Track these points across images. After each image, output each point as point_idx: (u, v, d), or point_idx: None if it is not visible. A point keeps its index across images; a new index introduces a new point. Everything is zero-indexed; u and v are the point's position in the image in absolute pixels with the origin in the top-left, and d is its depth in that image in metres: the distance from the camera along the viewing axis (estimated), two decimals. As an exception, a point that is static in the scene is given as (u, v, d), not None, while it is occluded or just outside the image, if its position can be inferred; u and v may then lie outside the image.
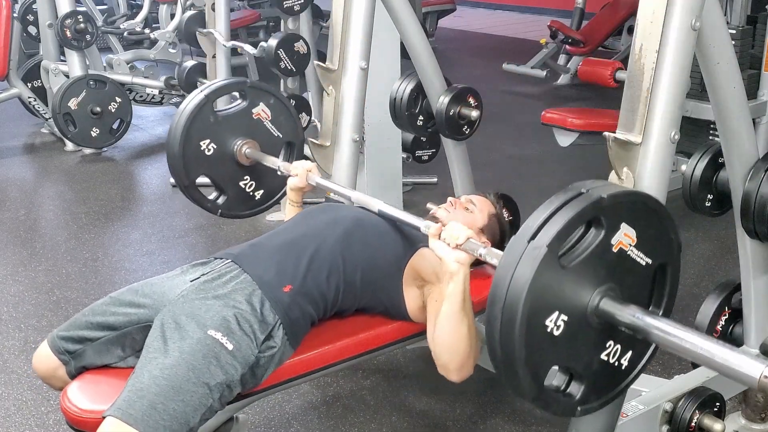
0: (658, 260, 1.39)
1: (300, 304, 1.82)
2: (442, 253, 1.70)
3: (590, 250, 1.29)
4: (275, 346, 1.76)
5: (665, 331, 1.27)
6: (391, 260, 1.94)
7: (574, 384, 1.36)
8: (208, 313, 1.72)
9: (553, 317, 1.27)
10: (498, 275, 1.28)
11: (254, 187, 2.46)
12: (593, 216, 1.29)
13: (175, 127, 2.31)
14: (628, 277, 1.36)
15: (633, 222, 1.33)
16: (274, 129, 2.42)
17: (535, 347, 1.27)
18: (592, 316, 1.32)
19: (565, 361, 1.33)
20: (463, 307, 1.71)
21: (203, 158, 2.34)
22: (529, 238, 1.26)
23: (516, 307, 1.23)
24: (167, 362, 1.62)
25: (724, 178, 2.02)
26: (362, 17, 2.39)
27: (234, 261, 1.87)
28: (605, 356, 1.37)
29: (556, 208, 1.28)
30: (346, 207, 2.11)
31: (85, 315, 1.84)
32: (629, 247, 1.34)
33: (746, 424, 2.27)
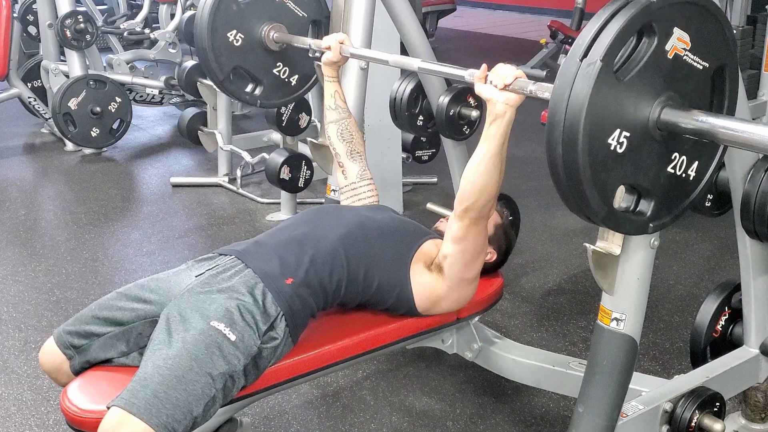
0: (715, 62, 1.35)
1: (302, 295, 1.83)
2: (490, 95, 1.67)
3: (645, 59, 1.26)
4: (277, 337, 1.78)
5: (732, 128, 1.24)
6: (395, 256, 1.95)
7: (644, 201, 1.34)
8: (211, 306, 1.74)
9: (615, 134, 1.25)
10: (554, 98, 1.25)
11: (288, 73, 2.43)
12: (644, 23, 1.25)
13: (200, 21, 2.28)
14: (687, 83, 1.32)
15: (685, 25, 1.28)
16: (297, 9, 2.40)
17: (600, 167, 1.25)
18: (654, 128, 1.29)
19: (632, 178, 1.31)
20: (501, 150, 1.72)
21: (233, 49, 2.31)
22: (582, 56, 1.22)
23: (577, 128, 1.21)
24: (170, 352, 1.64)
25: (724, 178, 2.02)
26: (362, 17, 2.39)
27: (238, 257, 1.88)
28: (672, 169, 1.34)
29: (605, 21, 1.23)
30: (349, 210, 2.12)
31: (92, 310, 1.85)
32: (684, 51, 1.30)
33: (746, 424, 2.27)
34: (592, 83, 1.20)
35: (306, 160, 3.75)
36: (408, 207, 4.02)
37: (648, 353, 2.70)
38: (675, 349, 2.74)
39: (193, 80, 4.64)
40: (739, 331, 2.20)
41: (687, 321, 2.89)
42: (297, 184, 3.80)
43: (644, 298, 1.67)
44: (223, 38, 2.29)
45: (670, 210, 1.38)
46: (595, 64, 1.20)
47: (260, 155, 4.24)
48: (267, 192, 4.31)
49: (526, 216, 2.92)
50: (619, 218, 1.32)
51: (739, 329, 2.20)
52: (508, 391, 2.53)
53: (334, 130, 2.26)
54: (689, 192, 1.40)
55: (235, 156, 4.47)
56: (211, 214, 4.13)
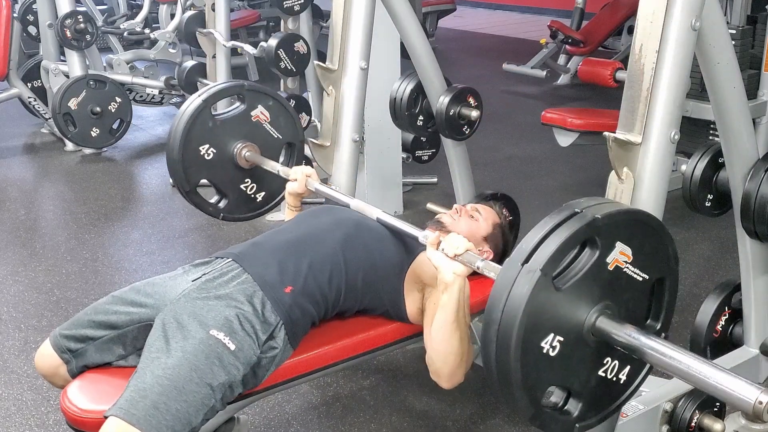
0: (655, 275, 1.39)
1: (301, 304, 1.82)
2: (438, 263, 1.69)
3: (585, 270, 1.29)
4: (277, 347, 1.77)
5: (660, 352, 1.28)
6: (392, 263, 1.94)
7: (572, 401, 1.36)
8: (210, 313, 1.72)
9: (549, 339, 1.27)
10: (492, 298, 1.28)
11: (255, 189, 2.45)
12: (587, 237, 1.28)
13: (174, 132, 2.31)
14: (625, 293, 1.36)
15: (628, 240, 1.32)
16: (273, 131, 2.42)
17: (531, 369, 1.27)
18: (588, 334, 1.31)
19: (562, 380, 1.33)
20: (456, 318, 1.72)
21: (203, 163, 2.34)
22: (523, 261, 1.25)
23: (510, 331, 1.23)
24: (170, 362, 1.62)
25: (724, 178, 2.02)
26: (362, 17, 2.39)
27: (235, 260, 1.87)
28: (603, 372, 1.37)
29: (550, 230, 1.27)
30: (346, 210, 2.11)
31: (88, 314, 1.84)
32: (625, 264, 1.33)
33: (746, 424, 2.27)
34: (529, 291, 1.22)
35: (306, 160, 3.74)
36: (408, 207, 4.02)
37: (648, 353, 2.70)
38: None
39: (193, 80, 4.64)
40: (739, 331, 2.20)
41: (687, 321, 2.88)
42: (297, 184, 3.79)
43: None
44: (195, 151, 2.31)
45: (597, 412, 1.40)
46: (534, 273, 1.23)
47: (260, 155, 4.24)
48: (267, 192, 4.31)
49: (526, 216, 2.91)
50: (545, 418, 1.33)
51: (739, 329, 2.20)
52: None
53: None
54: (618, 395, 1.42)
55: (235, 156, 4.46)
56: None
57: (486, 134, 3.84)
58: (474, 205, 2.23)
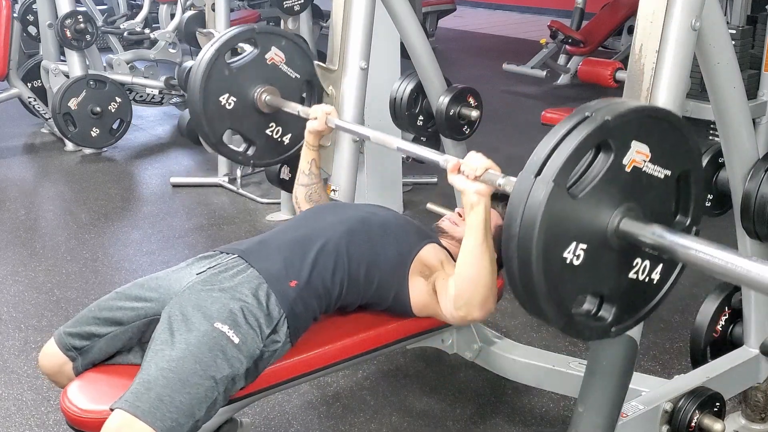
0: (678, 170, 1.33)
1: (305, 299, 1.83)
2: (462, 186, 1.69)
3: (601, 174, 1.24)
4: (279, 341, 1.78)
5: (691, 248, 1.22)
6: (395, 257, 1.95)
7: (605, 306, 1.32)
8: (214, 305, 1.73)
9: (571, 248, 1.24)
10: (509, 213, 1.25)
11: (281, 133, 2.43)
12: (600, 141, 1.24)
13: (192, 86, 2.28)
14: (648, 193, 1.30)
15: (644, 137, 1.27)
16: (290, 71, 2.40)
17: (556, 280, 1.24)
18: (612, 238, 1.27)
19: (591, 287, 1.29)
20: (485, 239, 1.72)
21: (225, 113, 2.32)
22: (535, 174, 1.22)
23: (530, 245, 1.20)
24: (174, 354, 1.63)
25: (724, 178, 2.02)
26: (362, 17, 2.39)
27: (241, 256, 1.88)
28: (633, 275, 1.32)
29: (560, 139, 1.23)
30: (351, 207, 2.12)
31: (92, 311, 1.85)
32: (644, 163, 1.28)
33: (746, 424, 2.27)
34: (544, 202, 1.20)
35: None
36: (408, 207, 4.02)
37: (648, 353, 2.70)
38: (675, 349, 2.74)
39: (193, 80, 4.63)
40: (739, 331, 2.20)
41: (687, 321, 2.88)
42: (297, 184, 3.80)
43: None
44: (216, 102, 2.30)
45: (632, 314, 1.36)
46: (547, 185, 1.20)
47: (260, 155, 4.24)
48: (267, 192, 4.31)
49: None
50: (579, 326, 1.31)
51: (739, 329, 2.20)
52: (508, 391, 2.53)
53: (302, 193, 2.28)
54: (653, 295, 1.38)
55: (235, 156, 4.47)
56: (211, 214, 4.13)
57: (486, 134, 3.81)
58: None
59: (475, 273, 1.76)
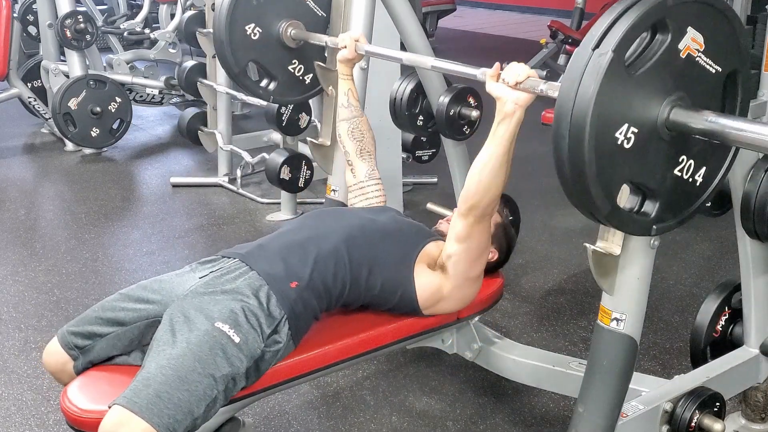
0: (728, 67, 1.33)
1: (305, 299, 1.83)
2: (500, 93, 1.67)
3: (657, 56, 1.24)
4: (281, 341, 1.78)
5: (744, 129, 1.21)
6: (397, 257, 1.96)
7: (648, 203, 1.32)
8: (216, 306, 1.74)
9: (623, 129, 1.23)
10: (563, 88, 1.23)
11: (303, 71, 2.43)
12: (658, 18, 1.23)
13: (219, 12, 2.27)
14: (698, 85, 1.30)
15: (700, 26, 1.27)
16: (317, 8, 2.40)
17: (606, 161, 1.22)
18: (663, 127, 1.27)
19: (638, 176, 1.29)
20: (508, 151, 1.73)
21: (250, 43, 2.31)
22: (594, 46, 1.20)
23: (584, 119, 1.19)
24: (174, 352, 1.64)
25: (724, 177, 2.02)
26: (362, 17, 2.39)
27: (242, 260, 1.89)
28: (678, 172, 1.32)
29: (619, 14, 1.21)
30: (351, 212, 2.12)
31: (95, 311, 1.86)
32: (697, 53, 1.28)
33: (746, 424, 2.27)
34: (602, 73, 1.18)
35: (306, 160, 3.75)
36: (408, 207, 4.02)
37: (648, 353, 2.70)
38: (675, 349, 2.74)
39: (193, 80, 4.64)
40: (739, 331, 2.20)
41: (687, 321, 2.88)
42: (297, 184, 3.80)
43: (644, 298, 1.67)
44: (242, 31, 2.29)
45: (675, 213, 1.36)
46: (606, 55, 1.18)
47: (260, 155, 4.24)
48: (267, 192, 4.31)
49: (526, 216, 2.92)
50: (622, 217, 1.30)
51: (739, 329, 2.20)
52: (508, 391, 2.53)
53: (345, 128, 2.27)
54: (696, 197, 1.38)
55: (235, 156, 4.47)
56: (211, 214, 4.13)
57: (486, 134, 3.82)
58: None
59: (489, 180, 1.77)
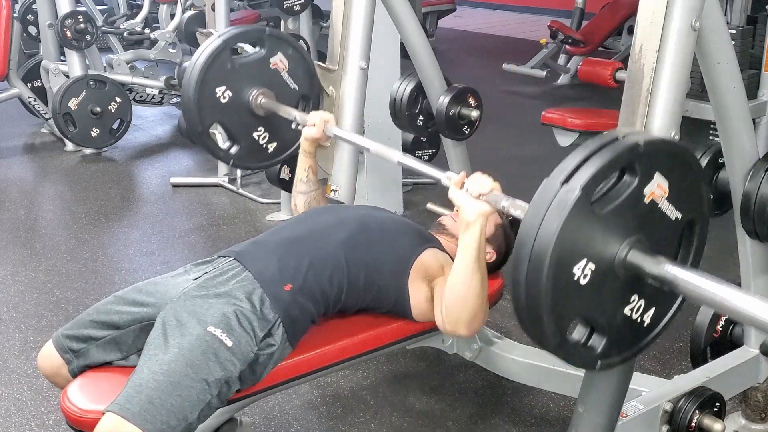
0: (687, 215, 1.36)
1: (300, 302, 1.82)
2: (462, 202, 1.67)
3: (622, 198, 1.26)
4: (275, 344, 1.77)
5: (693, 282, 1.24)
6: (395, 261, 1.94)
7: (596, 337, 1.33)
8: (209, 311, 1.73)
9: (581, 264, 1.24)
10: (528, 217, 1.25)
11: (268, 139, 2.41)
12: (628, 162, 1.25)
13: (191, 71, 2.26)
14: (657, 229, 1.33)
15: (667, 173, 1.29)
16: (290, 80, 2.39)
17: (562, 294, 1.24)
18: (619, 266, 1.29)
19: (590, 311, 1.30)
20: (477, 259, 1.71)
21: (218, 105, 2.30)
22: (563, 181, 1.23)
23: (546, 250, 1.20)
24: (166, 358, 1.63)
25: (724, 178, 2.02)
26: (362, 17, 2.39)
27: (236, 258, 1.87)
28: (628, 310, 1.34)
29: (591, 152, 1.24)
30: (350, 208, 2.11)
31: (90, 314, 1.85)
32: (661, 199, 1.31)
33: (746, 424, 2.27)
34: (568, 209, 1.21)
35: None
36: (408, 207, 4.02)
37: (648, 353, 2.70)
38: (675, 349, 2.74)
39: (193, 80, 4.63)
40: (739, 331, 2.20)
41: (687, 321, 2.88)
42: (297, 184, 3.79)
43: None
44: (212, 92, 2.28)
45: (620, 351, 1.38)
46: (574, 192, 1.21)
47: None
48: (267, 192, 4.31)
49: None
50: (570, 350, 1.32)
51: (739, 329, 2.20)
52: (508, 391, 2.53)
53: (302, 201, 2.26)
54: (641, 337, 1.40)
55: (235, 156, 4.47)
56: (211, 214, 4.13)
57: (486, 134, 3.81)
58: None
59: (464, 292, 1.74)
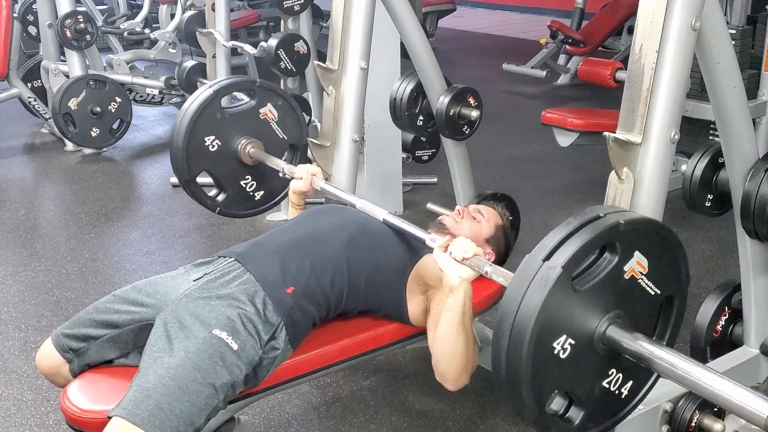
0: (666, 292, 1.40)
1: (302, 306, 1.82)
2: (445, 266, 1.70)
3: (603, 275, 1.30)
4: (279, 347, 1.77)
5: (669, 362, 1.29)
6: (395, 265, 1.94)
7: (574, 409, 1.37)
8: (212, 313, 1.72)
9: (561, 340, 1.28)
10: (509, 292, 1.28)
11: (255, 187, 2.46)
12: (609, 241, 1.29)
13: (181, 120, 2.30)
14: (637, 305, 1.37)
15: (647, 251, 1.33)
16: (279, 131, 2.44)
17: (541, 368, 1.27)
18: (598, 342, 1.33)
19: (569, 385, 1.34)
20: (461, 321, 1.73)
21: (207, 154, 2.34)
22: (544, 258, 1.26)
23: (526, 325, 1.23)
24: (173, 362, 1.62)
25: (724, 178, 2.02)
26: (362, 17, 2.39)
27: (237, 260, 1.87)
28: (607, 384, 1.38)
29: (573, 230, 1.28)
30: (351, 210, 2.11)
31: (89, 313, 1.85)
32: (640, 275, 1.34)
33: (746, 424, 2.26)
34: (549, 287, 1.23)
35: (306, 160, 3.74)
36: (408, 207, 4.02)
37: (648, 353, 2.70)
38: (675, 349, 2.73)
39: (193, 80, 4.64)
40: (739, 331, 2.20)
41: (687, 321, 2.87)
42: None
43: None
44: (200, 141, 2.32)
45: (597, 423, 1.41)
46: (555, 269, 1.24)
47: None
48: (267, 192, 4.31)
49: (526, 216, 2.91)
50: (548, 422, 1.34)
51: (739, 329, 2.20)
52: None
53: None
54: (619, 409, 1.43)
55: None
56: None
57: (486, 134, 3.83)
58: (476, 206, 2.23)
59: (449, 350, 1.76)
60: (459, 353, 1.75)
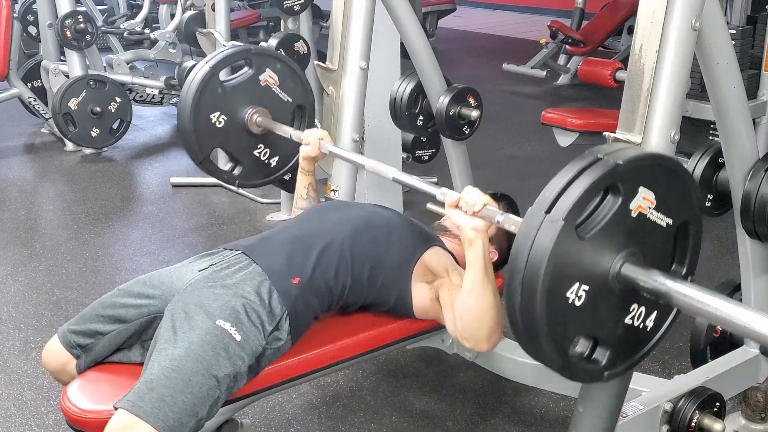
0: (679, 220, 1.36)
1: (306, 297, 1.83)
2: (459, 221, 1.68)
3: (608, 217, 1.27)
4: (282, 338, 1.78)
5: (687, 294, 1.25)
6: (399, 258, 1.94)
7: (599, 350, 1.34)
8: (216, 303, 1.73)
9: (574, 288, 1.25)
10: (516, 248, 1.26)
11: (269, 155, 2.44)
12: (610, 184, 1.26)
13: (183, 102, 2.29)
14: (650, 239, 1.33)
15: (651, 184, 1.30)
16: (282, 94, 2.41)
17: (557, 319, 1.25)
18: (614, 282, 1.30)
19: (589, 329, 1.32)
20: (485, 274, 1.71)
21: (215, 131, 2.32)
22: (546, 210, 1.24)
23: (535, 282, 1.22)
24: (176, 353, 1.63)
25: (724, 178, 2.02)
26: (362, 17, 2.39)
27: (244, 252, 1.88)
28: (629, 320, 1.35)
29: (572, 178, 1.25)
30: (356, 206, 2.12)
31: (95, 308, 1.85)
32: (648, 210, 1.31)
33: (746, 424, 2.27)
34: (553, 240, 1.21)
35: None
36: (408, 207, 4.02)
37: (648, 353, 2.70)
38: (675, 349, 2.73)
39: (193, 80, 4.63)
40: (739, 331, 2.20)
41: (687, 321, 2.88)
42: (297, 184, 3.80)
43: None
44: (206, 120, 2.30)
45: (625, 359, 1.39)
46: (557, 222, 1.22)
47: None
48: (267, 192, 4.31)
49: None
50: (574, 367, 1.33)
51: (739, 329, 2.19)
52: (508, 391, 2.53)
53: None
54: (646, 342, 1.41)
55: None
56: (211, 214, 4.13)
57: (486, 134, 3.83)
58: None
59: (478, 307, 1.74)
60: (489, 306, 1.73)
